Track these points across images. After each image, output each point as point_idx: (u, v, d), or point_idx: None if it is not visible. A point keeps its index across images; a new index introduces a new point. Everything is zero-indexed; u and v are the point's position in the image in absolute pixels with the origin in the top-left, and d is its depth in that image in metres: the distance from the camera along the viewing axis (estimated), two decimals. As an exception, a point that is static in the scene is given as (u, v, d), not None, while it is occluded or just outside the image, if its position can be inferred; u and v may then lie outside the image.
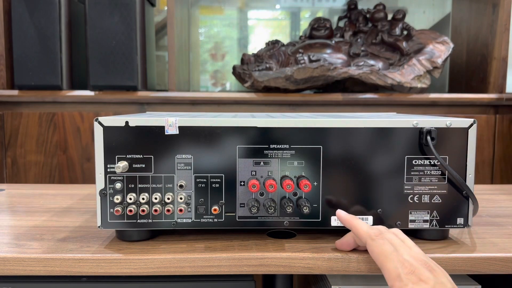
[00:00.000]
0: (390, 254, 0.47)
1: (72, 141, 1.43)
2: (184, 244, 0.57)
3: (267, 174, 0.56)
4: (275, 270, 0.54)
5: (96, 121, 0.55)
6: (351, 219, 0.54)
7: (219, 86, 1.93)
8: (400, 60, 1.50)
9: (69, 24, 1.43)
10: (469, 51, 1.64)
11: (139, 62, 1.40)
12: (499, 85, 1.45)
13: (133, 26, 1.39)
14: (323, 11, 1.90)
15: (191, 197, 0.56)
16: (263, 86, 1.45)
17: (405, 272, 0.45)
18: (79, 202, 0.79)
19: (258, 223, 0.57)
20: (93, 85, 1.40)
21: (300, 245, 0.56)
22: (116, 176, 0.55)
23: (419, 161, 0.57)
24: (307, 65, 1.41)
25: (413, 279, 0.44)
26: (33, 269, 0.53)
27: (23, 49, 1.38)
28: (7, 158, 1.43)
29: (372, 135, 0.56)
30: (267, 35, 1.92)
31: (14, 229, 0.63)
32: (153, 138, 0.55)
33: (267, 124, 0.56)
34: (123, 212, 0.55)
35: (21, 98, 1.41)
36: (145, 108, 1.46)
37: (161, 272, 0.53)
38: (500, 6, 1.45)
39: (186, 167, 0.56)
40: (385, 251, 0.48)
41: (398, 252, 0.47)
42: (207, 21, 1.92)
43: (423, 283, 0.43)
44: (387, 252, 0.47)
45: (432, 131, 0.55)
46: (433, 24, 1.85)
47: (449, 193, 0.57)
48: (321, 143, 0.56)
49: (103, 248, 0.55)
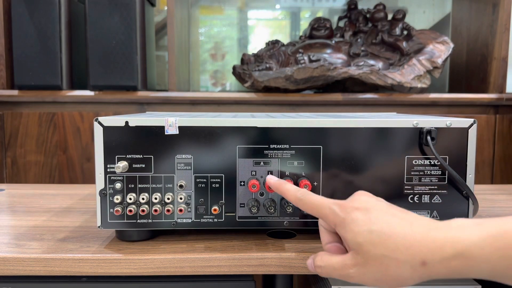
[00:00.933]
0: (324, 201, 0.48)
1: (72, 141, 1.43)
2: (184, 244, 0.57)
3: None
4: (275, 270, 0.54)
5: (96, 121, 0.55)
6: (281, 184, 0.52)
7: (219, 86, 1.93)
8: (400, 60, 1.50)
9: (69, 24, 1.43)
10: (469, 51, 1.64)
11: (139, 62, 1.40)
12: (499, 85, 1.45)
13: (133, 26, 1.39)
14: (323, 11, 1.90)
15: (191, 197, 0.56)
16: (263, 86, 1.45)
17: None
18: (79, 202, 0.79)
19: (258, 223, 0.57)
20: (93, 85, 1.40)
21: (300, 245, 0.56)
22: (116, 176, 0.55)
23: (419, 161, 0.57)
24: (307, 65, 1.41)
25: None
26: (33, 269, 0.53)
27: (23, 49, 1.38)
28: (7, 158, 1.43)
29: (372, 135, 0.56)
30: (267, 35, 1.92)
31: (14, 229, 0.63)
32: (153, 138, 0.55)
33: (267, 124, 0.56)
34: (123, 212, 0.55)
35: (21, 98, 1.41)
36: (145, 108, 1.46)
37: (161, 272, 0.53)
38: (500, 6, 1.45)
39: (186, 167, 0.56)
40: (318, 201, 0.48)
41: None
42: (207, 21, 1.92)
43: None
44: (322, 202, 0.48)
45: (432, 131, 0.55)
46: (433, 24, 1.85)
47: (449, 193, 0.57)
48: (321, 143, 0.56)
49: (103, 248, 0.55)
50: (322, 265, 0.47)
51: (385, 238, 0.41)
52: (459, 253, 0.39)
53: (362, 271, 0.43)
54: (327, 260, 0.46)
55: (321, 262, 0.47)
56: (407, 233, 0.41)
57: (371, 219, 0.43)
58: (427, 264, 0.40)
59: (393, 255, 0.41)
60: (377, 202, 0.45)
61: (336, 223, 0.45)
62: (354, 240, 0.43)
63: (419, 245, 0.40)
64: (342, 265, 0.44)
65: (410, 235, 0.41)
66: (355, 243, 0.43)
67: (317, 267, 0.48)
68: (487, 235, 0.38)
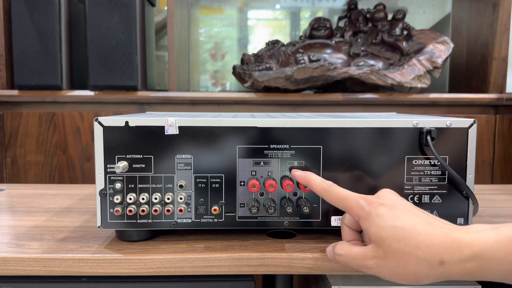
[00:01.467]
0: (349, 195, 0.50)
1: (72, 141, 1.43)
2: (184, 244, 0.57)
3: (267, 174, 0.56)
4: (275, 270, 0.54)
5: (96, 121, 0.55)
6: (307, 175, 0.54)
7: (219, 86, 1.93)
8: (400, 60, 1.50)
9: (69, 24, 1.43)
10: (469, 51, 1.64)
11: (139, 62, 1.40)
12: (499, 85, 1.45)
13: (133, 26, 1.39)
14: (323, 11, 1.90)
15: (191, 197, 0.56)
16: (263, 86, 1.45)
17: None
18: (79, 202, 0.79)
19: (258, 223, 0.57)
20: (93, 85, 1.40)
21: (300, 245, 0.56)
22: (116, 176, 0.55)
23: (419, 161, 0.57)
24: (307, 65, 1.41)
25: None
26: (33, 269, 0.53)
27: (23, 49, 1.38)
28: (7, 158, 1.43)
29: (372, 135, 0.56)
30: (267, 35, 1.92)
31: (14, 229, 0.63)
32: (153, 138, 0.55)
33: (267, 124, 0.56)
34: (123, 212, 0.55)
35: (21, 98, 1.41)
36: (145, 108, 1.46)
37: (161, 272, 0.53)
38: (500, 6, 1.45)
39: (186, 167, 0.56)
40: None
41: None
42: (207, 21, 1.92)
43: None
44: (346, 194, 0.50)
45: (432, 131, 0.55)
46: (433, 24, 1.85)
47: (449, 193, 0.57)
48: (321, 143, 0.56)
49: (103, 248, 0.55)
50: (342, 253, 0.48)
51: (407, 235, 0.43)
52: (476, 254, 0.40)
53: (381, 264, 0.44)
54: (347, 249, 0.48)
55: (341, 251, 0.49)
56: (428, 233, 0.42)
57: (396, 215, 0.44)
58: (445, 264, 0.41)
59: (414, 252, 0.42)
60: (401, 200, 0.47)
61: (360, 216, 0.47)
62: (377, 233, 0.44)
63: (439, 245, 0.41)
64: (362, 255, 0.46)
65: (431, 235, 0.42)
66: (378, 236, 0.44)
67: (336, 255, 0.49)
68: (503, 238, 0.40)
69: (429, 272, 0.42)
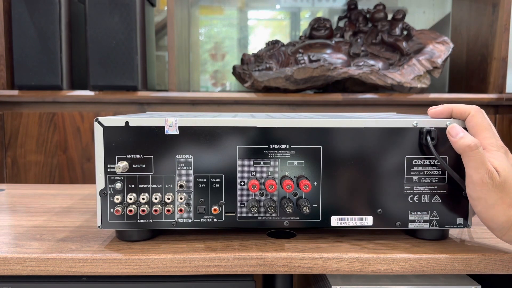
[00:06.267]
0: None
1: (72, 141, 1.43)
2: (184, 244, 0.57)
3: (267, 174, 0.56)
4: (275, 270, 0.54)
5: (96, 121, 0.55)
6: (447, 107, 0.57)
7: (219, 86, 1.93)
8: (400, 60, 1.50)
9: (69, 24, 1.44)
10: (469, 51, 1.64)
11: (139, 62, 1.40)
12: (499, 85, 1.45)
13: (133, 26, 1.39)
14: (323, 11, 1.90)
15: (191, 197, 0.56)
16: (263, 86, 1.45)
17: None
18: (79, 202, 0.79)
19: (258, 223, 0.57)
20: (93, 85, 1.40)
21: (300, 245, 0.56)
22: (116, 176, 0.55)
23: (419, 161, 0.57)
24: (307, 65, 1.41)
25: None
26: (33, 269, 0.53)
27: (23, 49, 1.38)
28: (7, 158, 1.43)
29: (372, 135, 0.56)
30: (267, 35, 1.92)
31: (14, 229, 0.63)
32: (153, 138, 0.55)
33: (267, 124, 0.56)
34: (123, 212, 0.55)
35: (21, 98, 1.41)
36: (145, 108, 1.46)
37: (161, 272, 0.53)
38: (500, 6, 1.45)
39: (186, 167, 0.56)
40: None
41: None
42: (207, 21, 1.92)
43: None
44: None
45: (432, 131, 0.55)
46: (433, 24, 1.85)
47: (449, 193, 0.57)
48: (321, 143, 0.56)
49: (103, 248, 0.55)
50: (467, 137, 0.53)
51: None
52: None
53: (491, 189, 0.51)
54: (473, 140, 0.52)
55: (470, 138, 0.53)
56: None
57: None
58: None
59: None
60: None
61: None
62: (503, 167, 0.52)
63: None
64: (486, 169, 0.51)
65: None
66: (504, 170, 0.51)
67: (460, 137, 0.53)
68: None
69: (505, 211, 0.51)
